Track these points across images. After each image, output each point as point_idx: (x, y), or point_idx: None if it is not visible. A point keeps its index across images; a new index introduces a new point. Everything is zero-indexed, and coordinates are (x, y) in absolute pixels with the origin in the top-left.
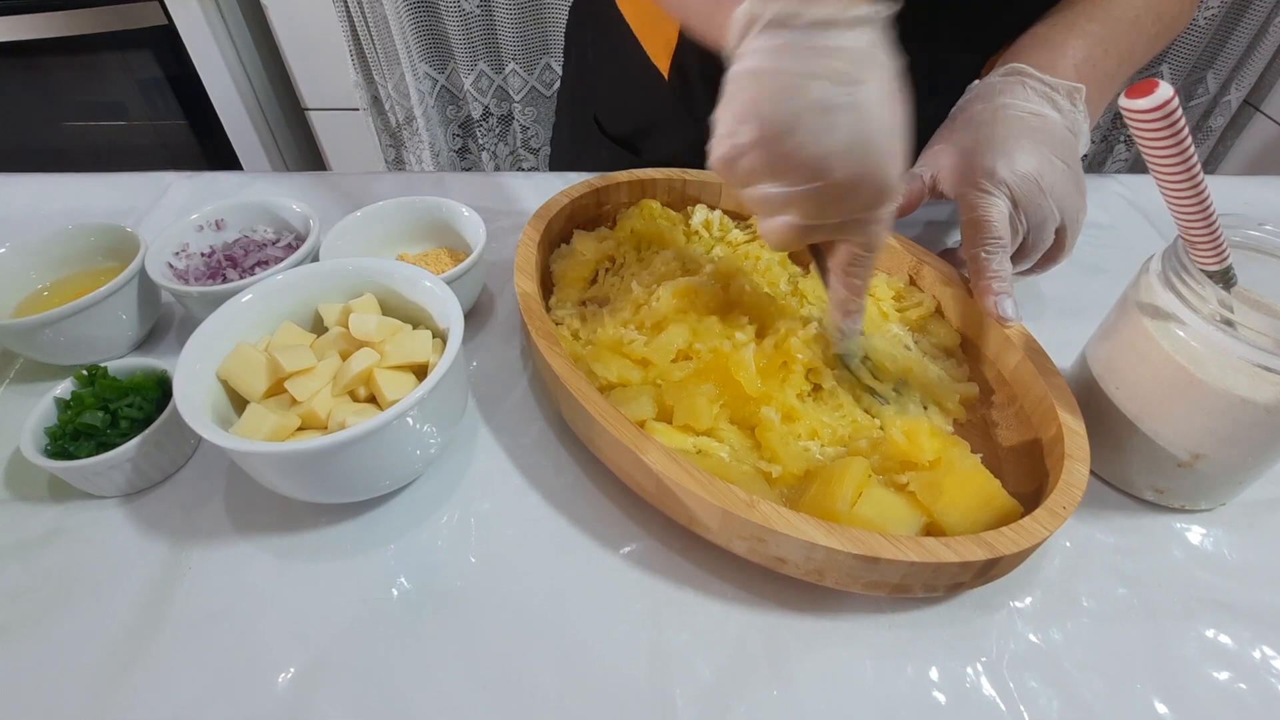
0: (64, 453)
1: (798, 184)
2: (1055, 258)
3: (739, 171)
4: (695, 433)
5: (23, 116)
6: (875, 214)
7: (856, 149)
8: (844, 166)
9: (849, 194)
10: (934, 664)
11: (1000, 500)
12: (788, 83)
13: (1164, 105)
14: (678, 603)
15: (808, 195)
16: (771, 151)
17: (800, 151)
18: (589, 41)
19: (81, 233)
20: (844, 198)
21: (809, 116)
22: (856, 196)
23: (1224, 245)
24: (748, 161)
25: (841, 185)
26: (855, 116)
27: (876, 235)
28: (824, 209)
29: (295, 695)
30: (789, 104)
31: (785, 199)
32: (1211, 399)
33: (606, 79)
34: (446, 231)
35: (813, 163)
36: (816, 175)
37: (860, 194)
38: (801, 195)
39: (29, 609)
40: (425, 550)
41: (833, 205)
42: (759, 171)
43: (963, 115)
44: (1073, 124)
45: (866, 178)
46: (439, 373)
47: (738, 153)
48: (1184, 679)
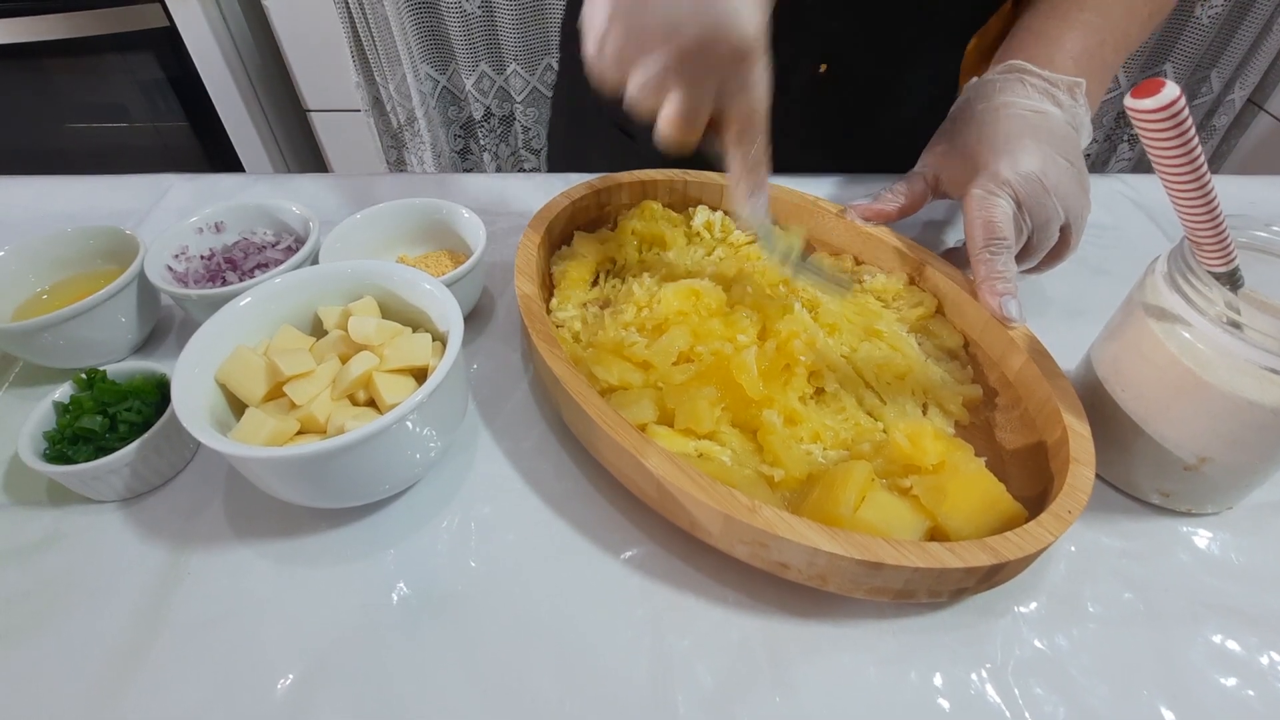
0: (63, 457)
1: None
2: (1060, 255)
3: (609, 57)
4: (697, 436)
5: (24, 118)
6: (744, 74)
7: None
8: (693, 22)
9: (708, 52)
10: (938, 670)
11: (1005, 504)
12: None
13: (1170, 105)
14: (679, 608)
15: (672, 65)
16: (628, 24)
17: (651, 16)
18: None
19: (81, 235)
20: (705, 58)
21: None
22: (715, 54)
23: (1231, 246)
24: (613, 43)
25: (698, 43)
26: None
27: (755, 99)
28: (693, 78)
29: (295, 701)
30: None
31: (658, 78)
32: (1218, 402)
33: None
34: (446, 233)
35: (665, 26)
36: (671, 37)
37: (719, 50)
38: (669, 67)
39: (27, 614)
40: (425, 555)
41: (699, 70)
42: (626, 51)
43: (962, 115)
44: (1074, 119)
45: (718, 30)
46: (439, 376)
47: (602, 37)
48: (1191, 685)
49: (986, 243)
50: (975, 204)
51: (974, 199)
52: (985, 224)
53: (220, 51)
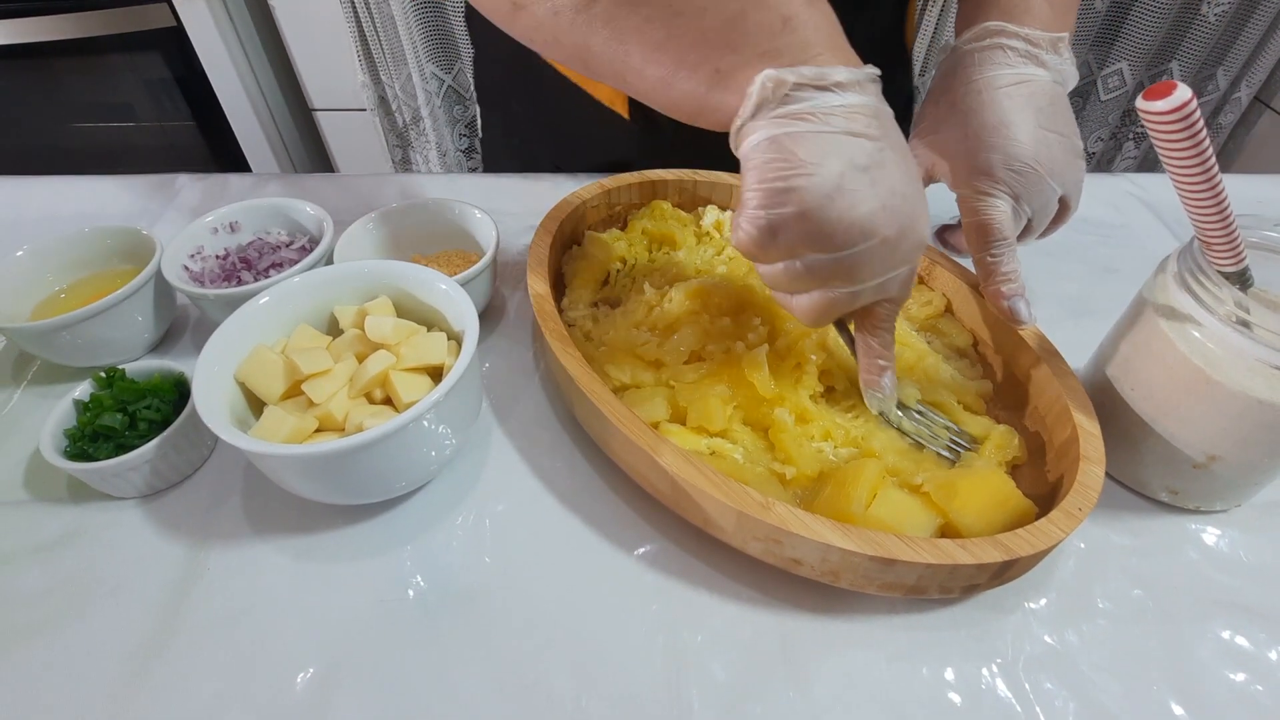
0: (83, 454)
1: (844, 249)
2: (1060, 222)
3: (778, 247)
4: (709, 434)
5: (32, 118)
6: (911, 267)
7: (896, 203)
8: (889, 222)
9: (893, 250)
10: (949, 665)
11: (1015, 501)
12: (824, 145)
13: (1182, 107)
14: (693, 604)
15: (853, 259)
16: (818, 219)
17: (849, 213)
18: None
19: (98, 236)
20: (888, 255)
21: (850, 177)
22: (899, 251)
23: (1241, 246)
24: (790, 235)
25: (888, 241)
26: (888, 172)
27: (901, 297)
28: (867, 271)
29: (313, 695)
30: (830, 166)
31: (830, 268)
32: (1228, 400)
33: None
34: (459, 233)
35: (861, 223)
36: (865, 235)
37: (903, 248)
38: (848, 260)
39: (48, 610)
40: (441, 551)
41: (877, 265)
42: (802, 243)
43: (946, 98)
44: (1060, 75)
45: (909, 230)
46: (455, 375)
47: (777, 227)
48: (1200, 680)
49: (987, 245)
50: (971, 206)
51: (969, 201)
52: (983, 227)
53: (226, 51)
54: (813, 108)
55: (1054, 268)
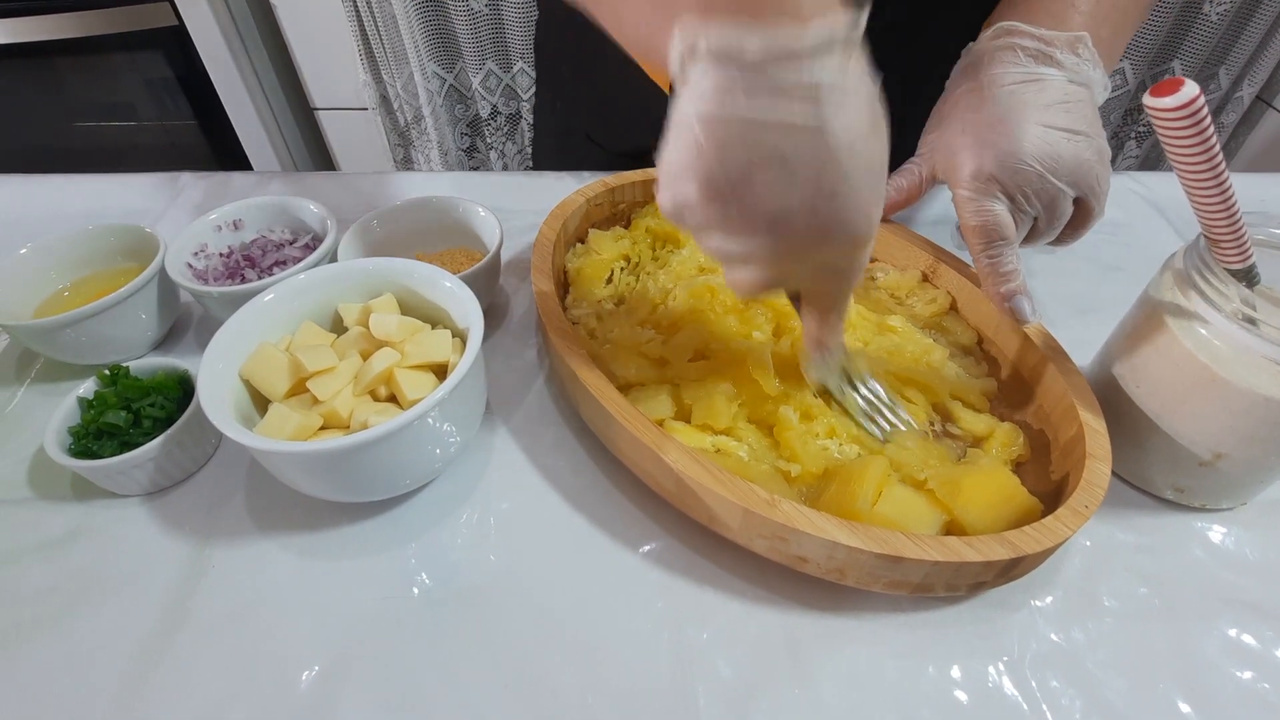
0: (88, 452)
1: (752, 239)
2: (1083, 225)
3: (687, 226)
4: (714, 431)
5: (34, 117)
6: (844, 264)
7: (821, 201)
8: (808, 222)
9: (816, 246)
10: (955, 663)
11: (1020, 498)
12: (735, 133)
13: (1190, 104)
14: (698, 601)
15: (767, 251)
16: (720, 208)
17: (755, 209)
18: (564, 57)
19: (102, 233)
20: (810, 249)
21: (762, 169)
22: (825, 249)
23: (1248, 243)
24: (694, 217)
25: (805, 239)
26: (818, 166)
27: (847, 284)
28: (788, 262)
29: (318, 693)
30: (737, 156)
31: (743, 254)
32: (1234, 398)
33: (595, 97)
34: (462, 231)
35: (769, 220)
36: (774, 231)
37: (829, 246)
38: (760, 250)
39: (52, 608)
40: (445, 549)
41: (798, 257)
42: (708, 227)
43: (952, 97)
44: (1079, 76)
45: (834, 230)
46: (460, 372)
47: (680, 207)
48: (1207, 678)
49: (985, 246)
50: (965, 207)
51: (963, 201)
52: (979, 230)
53: (228, 50)
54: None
55: (1058, 266)
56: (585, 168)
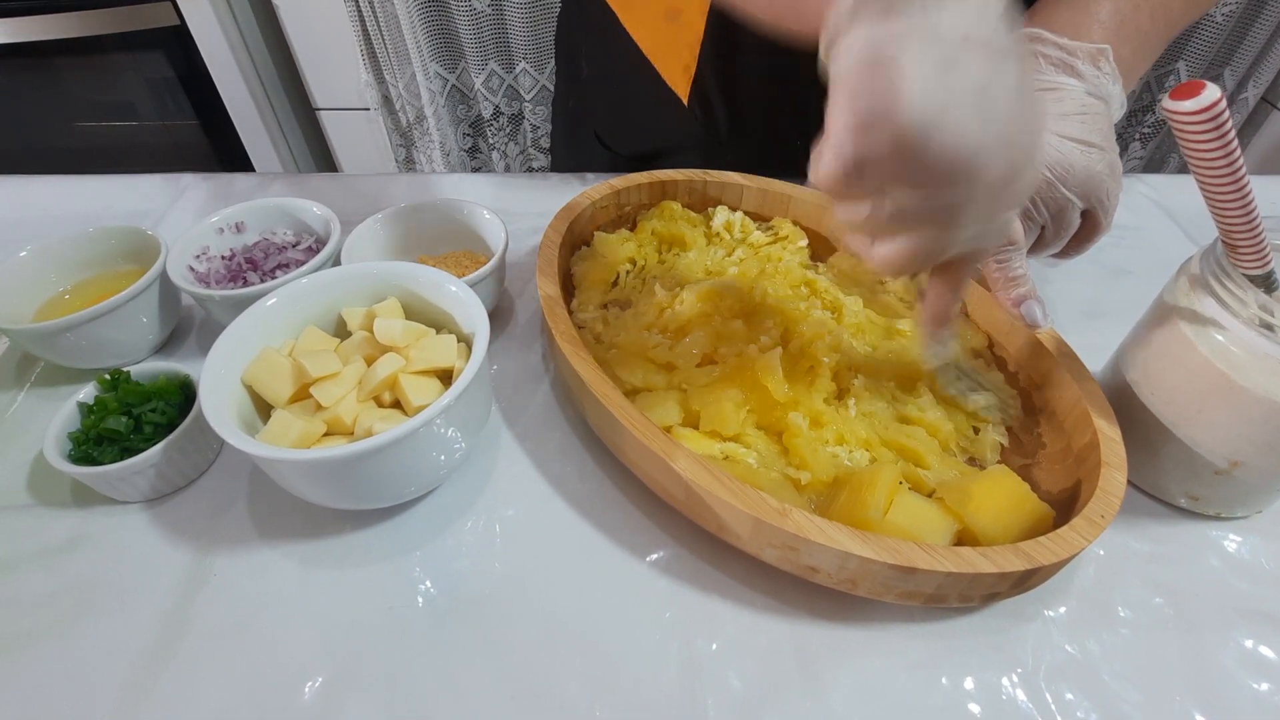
0: (88, 458)
1: (946, 187)
2: (1088, 239)
3: (867, 183)
4: (722, 438)
5: (35, 117)
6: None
7: (1016, 136)
8: (1002, 160)
9: (1002, 191)
10: (969, 674)
11: (1030, 504)
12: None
13: (1211, 107)
14: (707, 611)
15: (954, 201)
16: (919, 150)
17: (956, 145)
18: (582, 53)
19: (103, 236)
20: (995, 197)
21: (962, 99)
22: (1008, 192)
23: (1266, 249)
24: (881, 168)
25: (998, 182)
26: (1010, 93)
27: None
28: (967, 215)
29: (321, 704)
30: (938, 90)
31: (924, 212)
32: (1251, 405)
33: (609, 98)
34: (466, 234)
35: (969, 158)
36: (972, 174)
37: (1014, 188)
38: (947, 203)
39: (52, 616)
40: (450, 557)
41: (980, 209)
42: (894, 179)
43: None
44: (1098, 89)
45: (1024, 167)
46: (466, 378)
47: (866, 158)
48: (1223, 690)
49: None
50: None
51: None
52: None
53: (230, 50)
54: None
55: (1066, 269)
56: (593, 168)
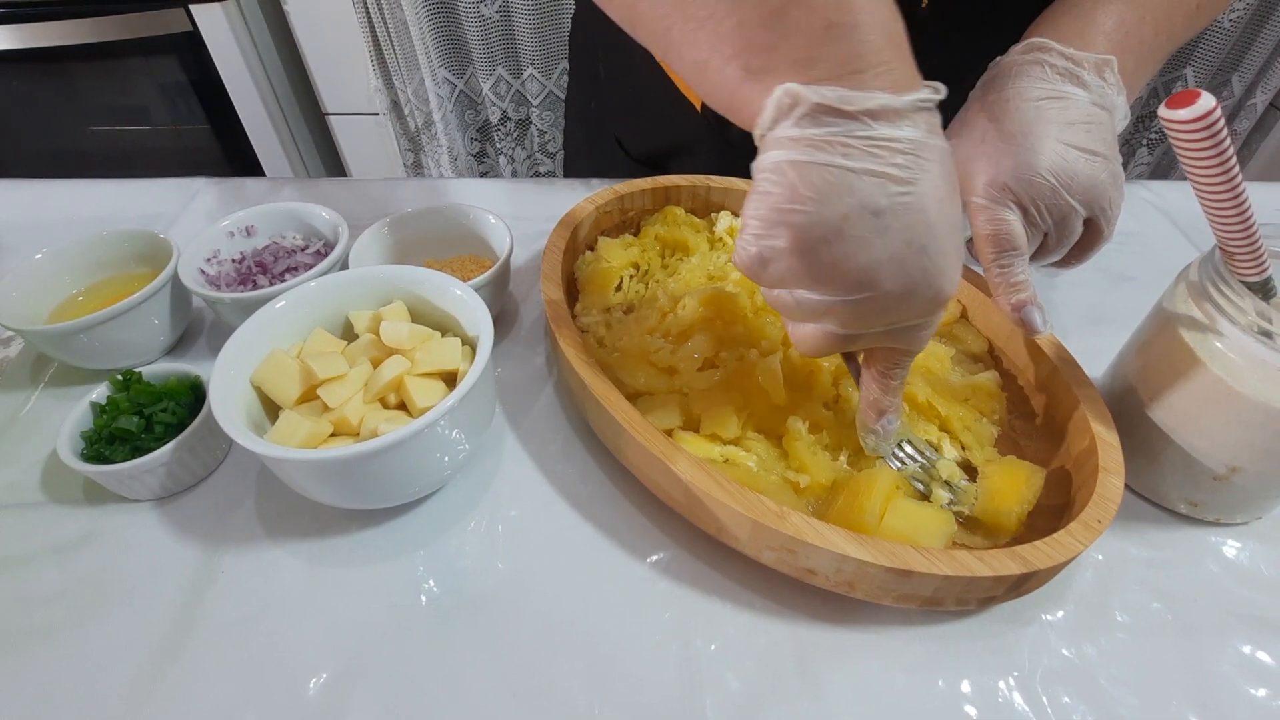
0: (100, 457)
1: (839, 295)
2: (1091, 247)
3: (769, 276)
4: (722, 441)
5: (50, 121)
6: (926, 321)
7: (911, 257)
8: (895, 277)
9: (899, 304)
10: (966, 678)
11: (1027, 472)
12: (833, 181)
13: (1206, 115)
14: (706, 613)
15: (849, 306)
16: (810, 260)
17: (845, 261)
18: (599, 57)
19: (116, 239)
20: (893, 308)
21: (856, 221)
22: (908, 306)
23: (1264, 255)
24: (780, 268)
25: (891, 296)
26: (908, 220)
27: (919, 343)
28: (868, 319)
29: (326, 700)
30: (833, 206)
31: (824, 308)
32: (1250, 411)
33: (625, 100)
34: (472, 238)
35: (858, 273)
36: (862, 286)
37: (912, 304)
38: (842, 305)
39: (64, 612)
40: (453, 556)
41: (878, 315)
42: (793, 279)
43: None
44: (1103, 99)
45: (920, 287)
46: (470, 380)
47: (769, 257)
48: (1221, 696)
49: (996, 255)
50: (978, 215)
51: (977, 209)
52: (992, 238)
53: (241, 55)
54: (834, 135)
55: (1068, 276)
56: (611, 169)
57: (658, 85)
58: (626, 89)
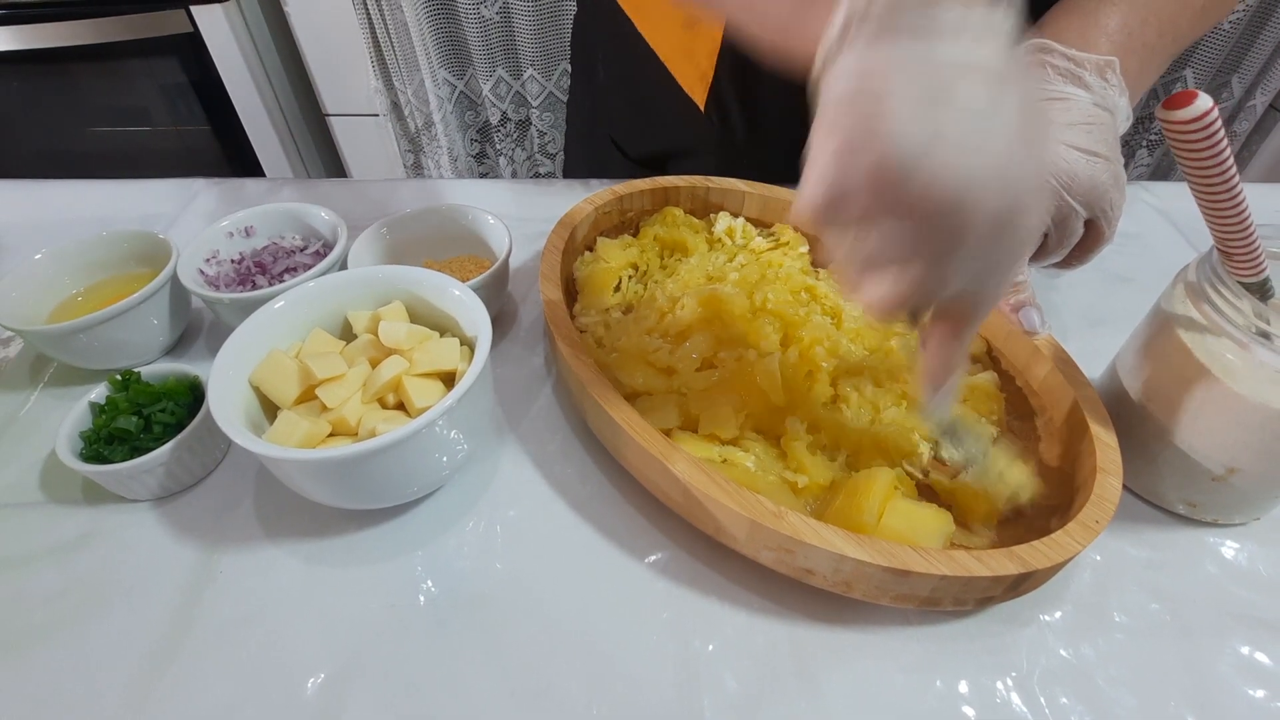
0: (99, 457)
1: (934, 219)
2: (1092, 249)
3: (848, 212)
4: (720, 442)
5: (51, 122)
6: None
7: (1011, 172)
8: (998, 192)
9: (997, 231)
10: (963, 678)
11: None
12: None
13: (1203, 116)
14: (704, 612)
15: (944, 235)
16: (901, 178)
17: (945, 174)
18: (599, 58)
19: (115, 239)
20: (989, 237)
21: (955, 124)
22: (1004, 234)
23: (1261, 256)
24: (862, 201)
25: (990, 219)
26: (1009, 122)
27: (997, 293)
28: (959, 252)
29: (324, 700)
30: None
31: (912, 244)
32: (1247, 412)
33: (625, 102)
34: (471, 239)
35: (960, 189)
36: (962, 206)
37: (1013, 229)
38: (937, 236)
39: (62, 612)
40: (452, 557)
41: (972, 246)
42: (880, 208)
43: None
44: (1105, 100)
45: (1019, 208)
46: (468, 381)
47: (850, 188)
48: (1219, 696)
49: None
50: None
51: None
52: None
53: (242, 56)
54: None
55: (1068, 277)
56: (608, 170)
57: (660, 85)
58: (627, 89)
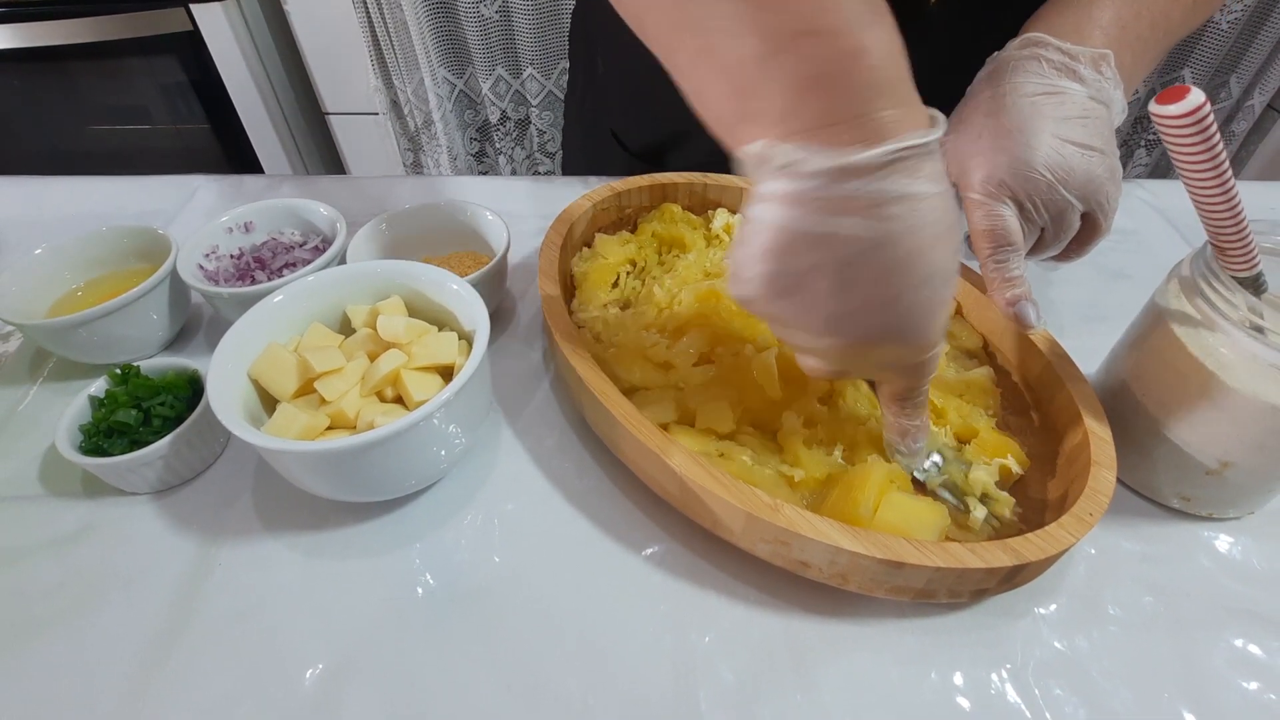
0: (98, 449)
1: (816, 336)
2: (1089, 242)
3: (754, 314)
4: (718, 436)
5: (51, 120)
6: (916, 361)
7: (881, 306)
8: (865, 326)
9: (876, 347)
10: (958, 670)
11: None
12: (798, 239)
13: (1195, 111)
14: (701, 605)
15: (829, 346)
16: (781, 307)
17: (813, 309)
18: (598, 49)
19: (115, 235)
20: (870, 350)
21: (822, 275)
22: (886, 349)
23: (1255, 251)
24: (758, 310)
25: (865, 340)
26: (878, 274)
27: (921, 376)
28: (849, 360)
29: (323, 691)
30: (798, 261)
31: (808, 347)
32: (1241, 406)
33: (625, 90)
34: (470, 235)
35: (827, 322)
36: (833, 330)
37: (890, 347)
38: (823, 346)
39: (61, 605)
40: (450, 550)
41: (859, 358)
42: (771, 321)
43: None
44: (1100, 93)
45: (893, 333)
46: (466, 374)
47: (747, 298)
48: (1213, 689)
49: (992, 251)
50: (975, 211)
51: (973, 205)
52: (988, 234)
53: (242, 55)
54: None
55: (1065, 273)
56: (608, 166)
57: (659, 70)
58: (627, 79)
